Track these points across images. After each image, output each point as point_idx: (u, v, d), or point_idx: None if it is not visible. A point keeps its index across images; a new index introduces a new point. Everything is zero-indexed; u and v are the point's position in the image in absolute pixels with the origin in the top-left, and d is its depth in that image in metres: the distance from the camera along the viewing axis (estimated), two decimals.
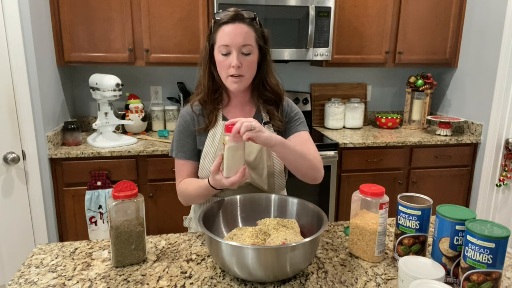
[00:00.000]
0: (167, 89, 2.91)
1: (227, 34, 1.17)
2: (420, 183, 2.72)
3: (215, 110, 1.28)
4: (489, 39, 2.63)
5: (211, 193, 1.19)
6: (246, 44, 1.18)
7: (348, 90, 3.15)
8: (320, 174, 1.25)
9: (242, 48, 1.17)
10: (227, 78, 1.21)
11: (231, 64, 1.17)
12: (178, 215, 2.42)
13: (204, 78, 1.26)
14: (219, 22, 1.19)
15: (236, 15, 1.18)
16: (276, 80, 1.30)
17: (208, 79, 1.26)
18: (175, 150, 1.29)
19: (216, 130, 1.27)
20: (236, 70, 1.17)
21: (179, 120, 1.30)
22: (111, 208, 1.00)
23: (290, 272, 0.94)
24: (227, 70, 1.19)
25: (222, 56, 1.19)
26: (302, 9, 2.49)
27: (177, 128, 1.30)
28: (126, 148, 2.33)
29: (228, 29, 1.17)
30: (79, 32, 2.39)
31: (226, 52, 1.18)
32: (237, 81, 1.20)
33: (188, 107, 1.30)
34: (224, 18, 1.18)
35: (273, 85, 1.29)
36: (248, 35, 1.18)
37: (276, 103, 1.31)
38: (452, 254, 0.94)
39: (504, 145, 2.64)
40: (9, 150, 2.10)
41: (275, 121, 1.30)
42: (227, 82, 1.22)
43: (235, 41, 1.16)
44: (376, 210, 1.03)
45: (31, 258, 1.08)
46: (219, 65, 1.21)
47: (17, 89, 2.07)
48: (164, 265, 1.05)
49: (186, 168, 1.28)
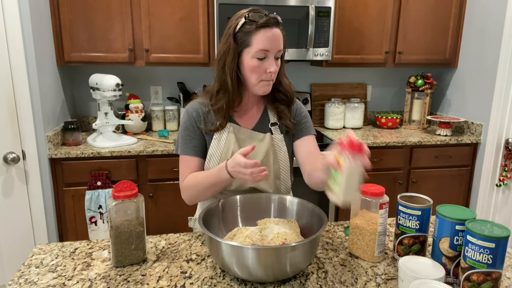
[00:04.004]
0: (167, 89, 2.91)
1: (268, 39, 1.13)
2: (420, 183, 2.72)
3: (227, 114, 1.23)
4: (489, 39, 2.63)
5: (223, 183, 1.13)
6: (281, 49, 1.17)
7: (348, 90, 3.15)
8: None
9: (277, 53, 1.16)
10: (259, 82, 1.18)
11: (269, 69, 1.15)
12: (178, 215, 2.42)
13: (232, 83, 1.18)
14: (255, 24, 1.13)
15: (274, 19, 1.15)
16: (289, 80, 1.29)
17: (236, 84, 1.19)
18: (181, 146, 1.25)
19: (222, 133, 1.24)
20: (272, 75, 1.16)
21: (184, 116, 1.26)
22: (111, 208, 1.00)
23: (290, 272, 0.94)
24: (261, 75, 1.16)
25: (257, 61, 1.14)
26: (302, 9, 2.49)
27: (182, 124, 1.26)
28: (126, 148, 2.33)
29: (269, 34, 1.13)
30: (79, 32, 2.39)
31: (263, 57, 1.15)
32: (268, 84, 1.19)
33: (195, 104, 1.26)
34: (261, 21, 1.13)
35: (287, 86, 1.27)
36: (282, 40, 1.17)
37: (287, 103, 1.29)
38: (452, 254, 0.94)
39: (504, 145, 2.64)
40: (9, 150, 2.10)
41: (286, 121, 1.28)
42: (257, 86, 1.18)
43: (275, 47, 1.14)
44: (376, 210, 1.03)
45: (31, 258, 1.08)
46: (253, 69, 1.15)
47: (17, 89, 2.07)
48: (164, 265, 1.05)
49: (192, 164, 1.25)
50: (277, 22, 1.16)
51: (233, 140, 1.23)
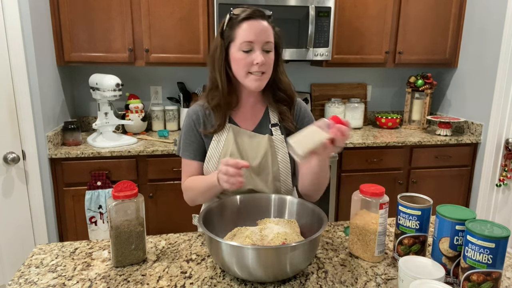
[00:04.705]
0: (167, 89, 2.91)
1: (251, 30, 1.12)
2: (420, 183, 2.72)
3: (226, 114, 1.23)
4: (489, 39, 2.63)
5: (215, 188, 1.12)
6: (268, 41, 1.14)
7: (348, 90, 3.15)
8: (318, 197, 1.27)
9: (265, 45, 1.14)
10: (246, 76, 1.15)
11: (255, 61, 1.12)
12: (178, 215, 2.42)
13: (221, 79, 1.19)
14: (238, 18, 1.13)
15: (258, 11, 1.14)
16: (289, 80, 1.27)
17: (225, 80, 1.19)
18: (182, 149, 1.27)
19: (222, 133, 1.23)
20: (260, 67, 1.13)
21: (186, 119, 1.27)
22: (111, 208, 1.00)
23: (290, 272, 0.94)
24: (248, 67, 1.14)
25: (243, 53, 1.13)
26: (302, 9, 2.49)
27: (183, 127, 1.27)
28: (126, 148, 2.33)
29: (251, 25, 1.12)
30: (79, 32, 2.39)
31: (249, 49, 1.13)
32: (259, 78, 1.15)
33: (196, 106, 1.26)
34: (244, 14, 1.13)
35: (286, 85, 1.26)
36: (270, 33, 1.15)
37: (289, 104, 1.28)
38: (452, 254, 0.94)
39: (504, 145, 2.64)
40: (9, 150, 2.10)
41: (288, 124, 1.26)
42: (246, 80, 1.16)
43: (259, 38, 1.12)
44: (376, 210, 1.03)
45: (31, 258, 1.08)
46: (239, 63, 1.14)
47: (17, 89, 2.07)
48: (164, 265, 1.05)
49: (192, 168, 1.26)
50: (263, 15, 1.15)
51: (231, 142, 1.22)
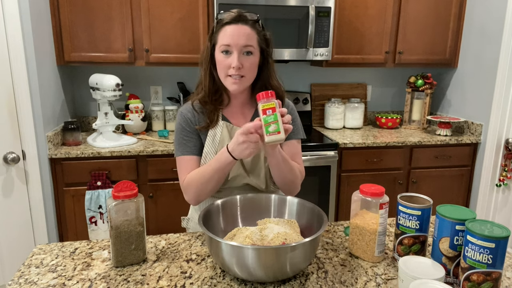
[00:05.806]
0: (167, 89, 2.91)
1: (229, 34, 1.17)
2: (420, 183, 2.72)
3: (215, 110, 1.28)
4: (489, 39, 2.63)
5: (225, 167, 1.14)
6: (247, 45, 1.18)
7: (348, 90, 3.15)
8: (296, 191, 1.29)
9: (243, 48, 1.18)
10: (226, 78, 1.21)
11: (231, 64, 1.17)
12: (178, 215, 2.41)
13: (205, 78, 1.26)
14: (222, 22, 1.19)
15: (239, 16, 1.18)
16: (278, 83, 1.30)
17: (208, 79, 1.26)
18: (179, 148, 1.27)
19: (216, 130, 1.27)
20: (236, 70, 1.17)
21: (179, 118, 1.28)
22: (111, 208, 1.00)
23: (290, 272, 0.94)
24: (226, 70, 1.19)
25: (222, 56, 1.19)
26: (302, 9, 2.49)
27: (178, 126, 1.28)
28: (126, 148, 2.33)
29: (230, 29, 1.17)
30: (79, 32, 2.39)
31: (227, 52, 1.18)
32: (237, 82, 1.19)
33: (188, 105, 1.30)
34: (227, 18, 1.18)
35: (276, 89, 1.28)
36: (250, 37, 1.18)
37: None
38: (452, 254, 0.94)
39: (504, 145, 2.64)
40: (9, 150, 2.10)
41: None
42: (226, 82, 1.22)
43: (236, 42, 1.16)
44: (376, 210, 1.03)
45: (31, 258, 1.08)
46: (219, 65, 1.21)
47: (17, 89, 2.07)
48: (164, 265, 1.05)
49: (192, 163, 1.25)
50: (245, 19, 1.19)
51: (227, 137, 1.26)
